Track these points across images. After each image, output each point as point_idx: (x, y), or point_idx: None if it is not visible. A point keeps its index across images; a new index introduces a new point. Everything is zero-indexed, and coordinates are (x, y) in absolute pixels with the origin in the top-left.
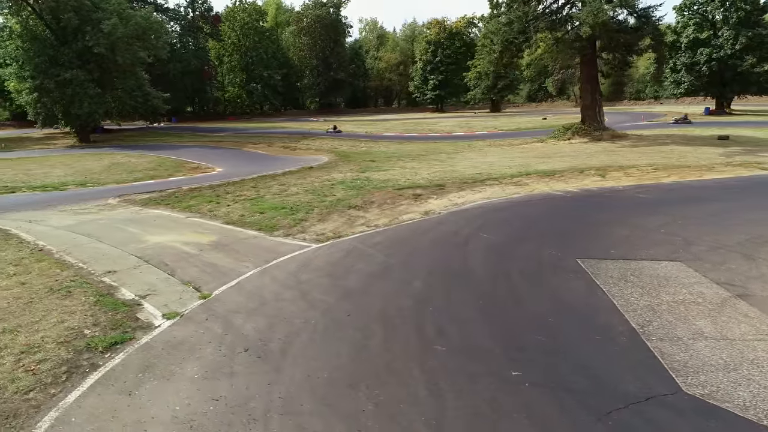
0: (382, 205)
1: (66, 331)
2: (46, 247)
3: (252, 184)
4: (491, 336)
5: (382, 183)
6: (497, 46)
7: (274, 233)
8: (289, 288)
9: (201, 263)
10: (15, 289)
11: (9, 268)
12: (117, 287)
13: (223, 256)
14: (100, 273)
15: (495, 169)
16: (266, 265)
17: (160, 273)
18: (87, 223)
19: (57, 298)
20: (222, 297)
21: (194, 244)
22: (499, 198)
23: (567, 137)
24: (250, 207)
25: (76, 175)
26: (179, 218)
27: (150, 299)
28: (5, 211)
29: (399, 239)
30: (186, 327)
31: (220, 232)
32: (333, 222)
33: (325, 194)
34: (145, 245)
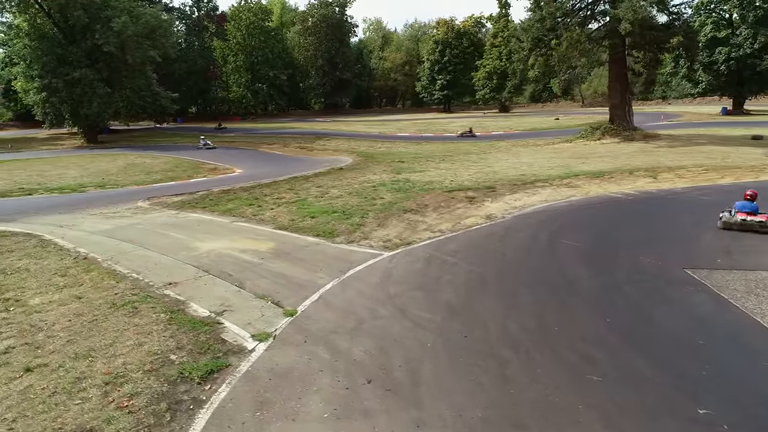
0: (437, 208)
1: (149, 356)
2: (90, 254)
3: (287, 186)
4: (643, 362)
5: (426, 185)
6: (526, 43)
7: (335, 239)
8: (382, 303)
9: (268, 273)
10: (72, 304)
11: (57, 279)
12: (185, 302)
13: (289, 265)
14: (159, 285)
15: (537, 171)
16: (343, 276)
17: (227, 285)
18: (125, 228)
19: (124, 315)
20: (310, 314)
21: (252, 252)
22: (558, 201)
23: (596, 137)
24: (296, 211)
25: (92, 177)
26: (223, 223)
27: (228, 316)
28: (29, 214)
29: (475, 246)
30: (286, 351)
31: (276, 238)
32: (394, 227)
33: (372, 197)
34: (198, 253)
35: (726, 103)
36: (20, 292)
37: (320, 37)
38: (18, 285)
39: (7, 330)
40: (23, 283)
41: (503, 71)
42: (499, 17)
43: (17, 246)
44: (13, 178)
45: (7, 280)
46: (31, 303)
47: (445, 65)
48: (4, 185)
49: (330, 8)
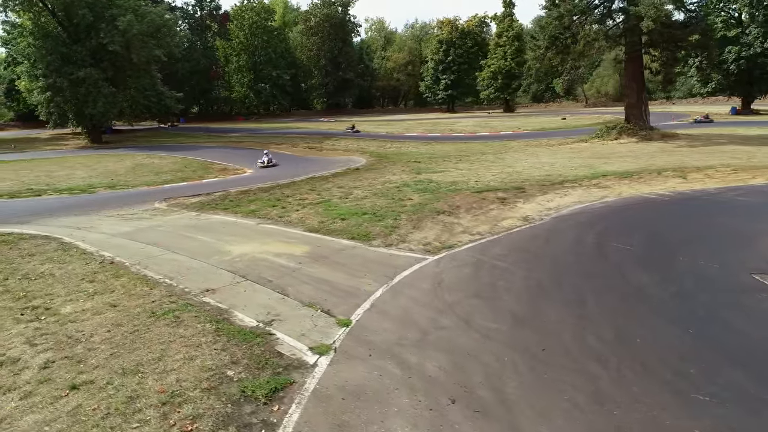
0: (470, 209)
1: (203, 372)
2: (116, 259)
3: (307, 186)
4: (746, 378)
5: (452, 185)
6: (543, 42)
7: (371, 242)
8: (441, 312)
9: (310, 279)
10: (108, 313)
11: (85, 286)
12: (229, 310)
13: (330, 270)
14: (196, 292)
15: (561, 171)
16: (392, 282)
17: (268, 292)
18: (146, 230)
19: (166, 326)
20: (366, 323)
21: (287, 256)
22: (593, 202)
23: (613, 137)
24: (324, 212)
25: (100, 177)
26: (249, 225)
27: (279, 326)
28: (42, 216)
29: (522, 250)
30: (352, 366)
31: (309, 241)
32: (430, 230)
33: (400, 198)
34: (230, 257)
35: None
36: (49, 300)
37: (323, 37)
38: (45, 291)
39: (42, 342)
40: (50, 290)
41: (508, 71)
42: (504, 17)
43: (37, 249)
44: (20, 179)
45: (32, 286)
46: (62, 311)
47: (449, 65)
48: (12, 186)
49: (333, 8)
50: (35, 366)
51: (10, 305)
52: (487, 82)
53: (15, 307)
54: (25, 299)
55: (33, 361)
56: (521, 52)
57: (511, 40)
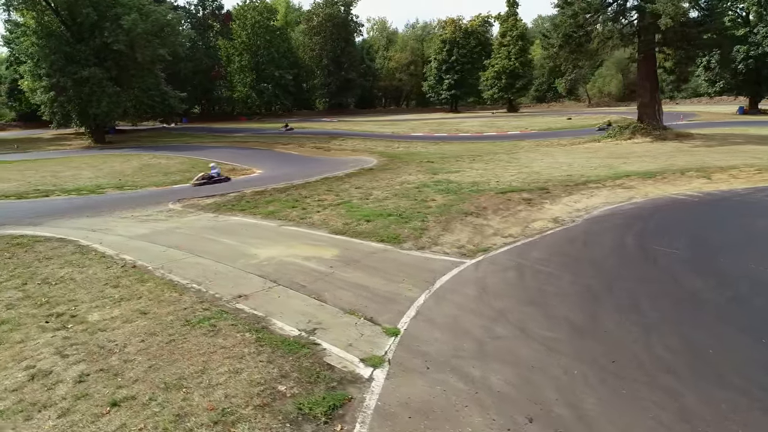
0: (497, 210)
1: (253, 387)
2: (138, 262)
3: (324, 187)
4: None
5: (472, 186)
6: (556, 41)
7: (402, 245)
8: (494, 320)
9: (345, 284)
10: (139, 320)
11: (110, 291)
12: (266, 318)
13: (365, 274)
14: (228, 298)
15: (581, 171)
16: (433, 288)
17: (304, 298)
18: (164, 232)
19: (204, 335)
20: (416, 333)
21: (317, 259)
22: (622, 203)
23: (626, 137)
24: (346, 213)
25: (107, 177)
26: (271, 227)
27: (322, 335)
28: (53, 217)
29: (562, 254)
30: (411, 380)
31: (337, 244)
32: (460, 232)
33: (422, 199)
34: (257, 261)
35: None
36: (73, 306)
37: (325, 37)
38: (67, 297)
39: (73, 352)
40: (73, 295)
41: (512, 71)
42: (507, 16)
43: (54, 253)
44: (26, 179)
45: (53, 291)
46: (90, 319)
47: (452, 65)
48: (19, 186)
49: (335, 7)
50: (69, 380)
51: (33, 312)
52: (491, 81)
53: (38, 314)
54: (48, 305)
55: (66, 374)
56: (525, 51)
57: (515, 39)
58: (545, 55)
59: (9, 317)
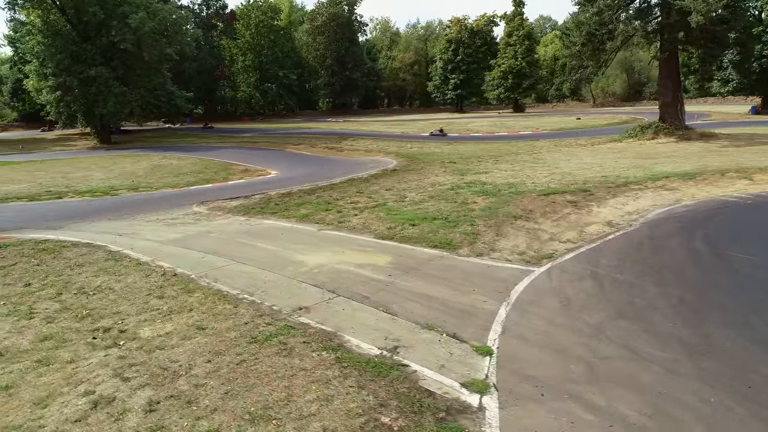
0: (545, 214)
1: (352, 419)
2: (177, 270)
3: (353, 189)
4: None
5: (509, 188)
6: (579, 39)
7: (458, 251)
8: (593, 338)
9: (411, 295)
10: (198, 337)
11: (156, 303)
12: (337, 334)
13: (428, 284)
14: (288, 311)
15: (614, 172)
16: (510, 299)
17: (372, 310)
18: (197, 237)
19: (276, 355)
20: (511, 351)
21: (372, 267)
22: (673, 206)
23: (648, 136)
24: (387, 217)
25: (120, 179)
26: (310, 231)
27: (407, 355)
28: (73, 220)
29: (634, 260)
30: (529, 411)
31: (387, 250)
32: (515, 237)
33: (462, 201)
34: (306, 268)
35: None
36: (119, 320)
37: (329, 37)
38: (110, 309)
39: (134, 375)
40: (116, 307)
41: (519, 70)
42: (514, 16)
43: (85, 259)
44: (36, 181)
45: (92, 302)
46: (142, 335)
47: (458, 64)
48: (30, 188)
49: (339, 6)
50: (138, 408)
51: (75, 326)
52: (497, 81)
53: (82, 328)
54: (90, 319)
55: (132, 401)
56: (532, 51)
57: (521, 39)
58: (567, 54)
59: (51, 332)
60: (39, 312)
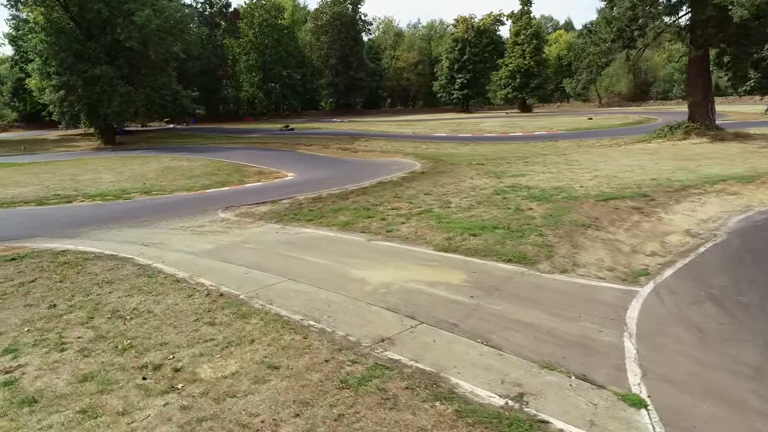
0: (613, 222)
1: None
2: (222, 288)
3: (389, 193)
4: None
5: (558, 192)
6: (609, 34)
7: (537, 267)
8: (762, 382)
9: (509, 322)
10: (274, 380)
11: (208, 331)
12: (440, 375)
13: (521, 307)
14: (368, 342)
15: (661, 174)
16: (629, 329)
17: (470, 343)
18: (232, 248)
19: (379, 407)
20: (670, 403)
21: (446, 286)
22: (747, 212)
23: (679, 137)
24: (439, 226)
25: (130, 181)
26: (358, 241)
27: (539, 405)
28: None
29: (749, 280)
30: None
31: (454, 265)
32: (594, 249)
33: (517, 208)
34: (371, 287)
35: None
36: (169, 353)
37: (333, 36)
38: (155, 339)
39: None
40: (161, 336)
41: (527, 70)
42: (521, 15)
43: (113, 275)
44: (43, 183)
45: (131, 329)
46: (203, 375)
47: (464, 64)
48: (38, 191)
49: (343, 5)
50: None
51: (118, 361)
52: (505, 81)
53: (127, 364)
54: (134, 351)
55: None
56: (540, 50)
57: (529, 38)
58: (596, 51)
59: (91, 370)
60: (71, 342)
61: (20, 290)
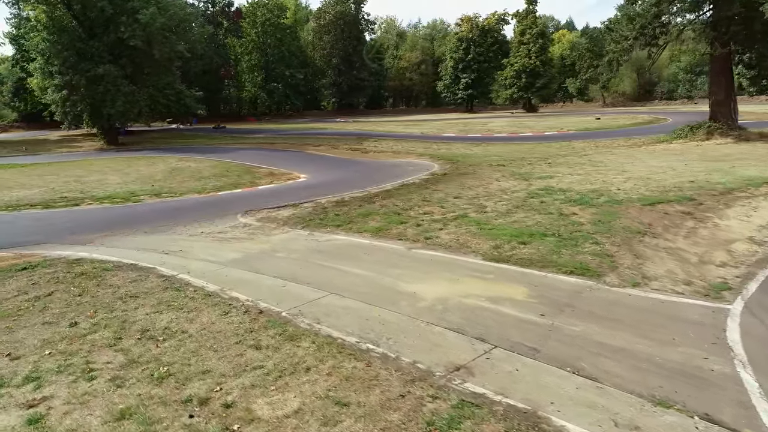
0: (668, 228)
1: None
2: (260, 304)
3: (416, 196)
4: None
5: (597, 195)
6: (631, 32)
7: (604, 279)
8: None
9: (597, 347)
10: (347, 420)
11: (254, 356)
12: (538, 414)
13: (603, 329)
14: (441, 371)
15: (700, 177)
16: (738, 355)
17: (560, 373)
18: (261, 257)
19: None
20: None
21: (510, 302)
22: None
23: (701, 137)
24: (480, 232)
25: (138, 183)
26: (397, 250)
27: None
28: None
29: None
30: None
31: (512, 277)
32: (659, 260)
33: (561, 213)
34: (425, 303)
35: None
36: (214, 384)
37: (336, 35)
38: (196, 366)
39: None
40: (201, 362)
41: (533, 69)
42: (527, 14)
43: (136, 288)
44: (48, 185)
45: (167, 353)
46: (260, 413)
47: (469, 63)
48: (43, 194)
49: (346, 5)
50: None
51: (157, 392)
52: (510, 81)
53: (167, 397)
54: (174, 381)
55: None
56: (545, 50)
57: (534, 37)
58: (618, 49)
59: (128, 405)
60: (100, 368)
61: (36, 305)
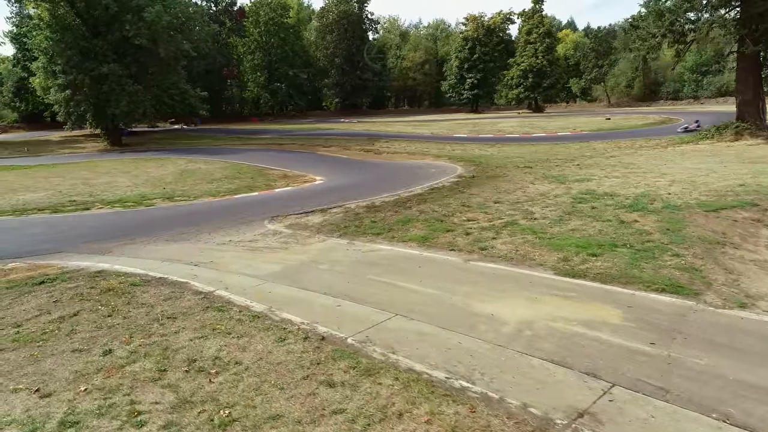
0: (745, 238)
1: None
2: (319, 329)
3: (453, 202)
4: None
5: (650, 200)
6: (659, 29)
7: (704, 299)
8: None
9: (735, 386)
10: None
11: (329, 396)
12: None
13: (732, 362)
14: (561, 417)
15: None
16: None
17: (704, 421)
18: (303, 269)
19: None
20: None
21: (608, 327)
22: None
23: (729, 138)
24: (540, 242)
25: (148, 186)
26: (455, 263)
27: None
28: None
29: None
30: None
31: (595, 295)
32: (755, 275)
33: (620, 220)
34: (509, 328)
35: None
36: None
37: (340, 35)
38: (261, 409)
39: None
40: (268, 404)
41: (539, 69)
42: (533, 13)
43: (172, 307)
44: (55, 188)
45: (223, 392)
46: None
47: (475, 63)
48: (51, 197)
49: (349, 4)
50: None
51: None
52: (517, 80)
53: None
54: (240, 429)
55: None
56: (552, 49)
57: (541, 36)
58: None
59: None
60: (148, 410)
61: (62, 328)
